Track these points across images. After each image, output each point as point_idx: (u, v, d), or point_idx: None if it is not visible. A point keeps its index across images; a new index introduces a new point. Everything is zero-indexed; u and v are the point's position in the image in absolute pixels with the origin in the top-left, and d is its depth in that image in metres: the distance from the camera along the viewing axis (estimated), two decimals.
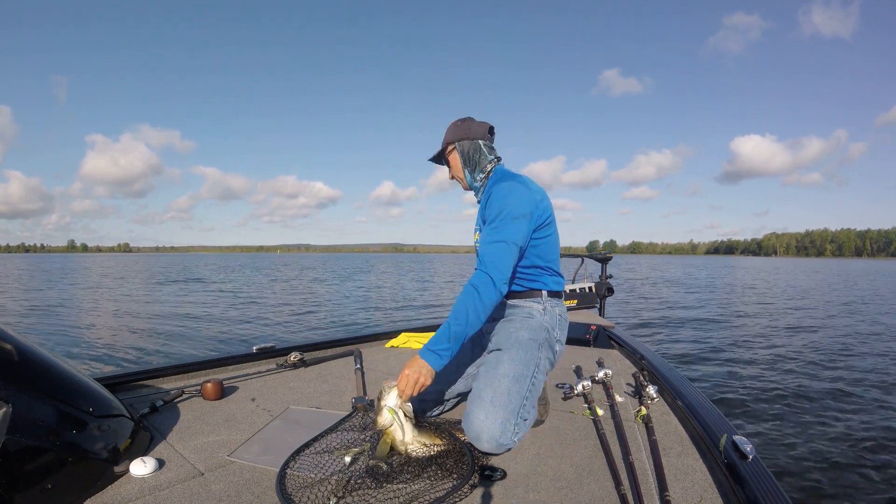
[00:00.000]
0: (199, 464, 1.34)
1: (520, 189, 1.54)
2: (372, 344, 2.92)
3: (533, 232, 1.56)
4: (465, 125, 1.69)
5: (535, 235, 1.58)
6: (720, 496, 1.16)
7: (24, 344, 1.29)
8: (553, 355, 1.65)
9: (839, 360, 6.11)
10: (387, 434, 1.37)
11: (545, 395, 1.69)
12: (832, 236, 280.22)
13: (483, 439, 1.37)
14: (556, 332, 1.65)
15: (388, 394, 1.41)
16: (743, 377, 5.21)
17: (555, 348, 1.65)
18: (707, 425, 1.45)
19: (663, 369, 2.03)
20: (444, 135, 1.72)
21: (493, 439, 1.36)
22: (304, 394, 1.98)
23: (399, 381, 1.39)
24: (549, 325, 1.63)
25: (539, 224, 1.57)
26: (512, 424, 1.39)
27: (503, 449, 1.39)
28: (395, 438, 1.37)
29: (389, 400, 1.40)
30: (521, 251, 1.53)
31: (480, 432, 1.37)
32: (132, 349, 6.78)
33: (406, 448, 1.36)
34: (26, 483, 1.06)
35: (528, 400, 1.48)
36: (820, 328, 8.86)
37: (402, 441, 1.37)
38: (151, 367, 2.11)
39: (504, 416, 1.38)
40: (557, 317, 1.66)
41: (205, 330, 8.44)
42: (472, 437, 1.39)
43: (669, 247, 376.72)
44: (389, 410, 1.38)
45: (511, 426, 1.39)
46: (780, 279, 26.88)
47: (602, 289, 4.28)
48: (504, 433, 1.37)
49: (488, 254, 1.46)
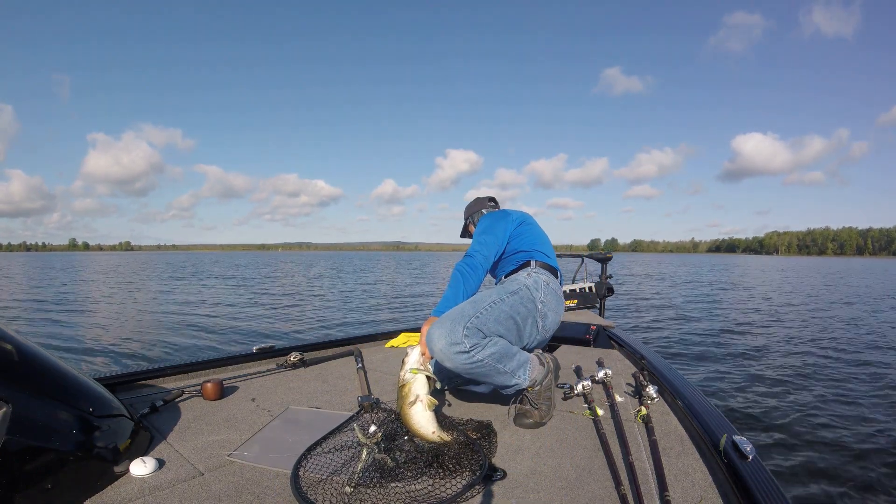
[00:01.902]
0: (199, 464, 1.34)
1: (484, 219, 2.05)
2: (372, 344, 2.92)
3: (514, 230, 1.96)
4: (473, 204, 2.26)
5: (515, 233, 1.96)
6: (720, 496, 1.16)
7: (24, 344, 1.29)
8: (535, 310, 1.75)
9: (840, 360, 6.11)
10: (408, 387, 1.48)
11: (551, 396, 1.69)
12: (834, 235, 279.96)
13: (433, 340, 1.49)
14: (539, 293, 1.79)
15: (410, 355, 1.54)
16: (743, 377, 5.21)
17: (537, 306, 1.77)
18: (707, 425, 1.45)
19: (663, 369, 2.03)
20: (465, 213, 2.30)
21: (442, 337, 1.48)
22: (304, 394, 1.98)
23: (420, 342, 1.57)
24: (530, 285, 1.79)
25: (515, 226, 1.97)
26: (461, 327, 1.49)
27: (454, 349, 1.47)
28: (418, 392, 1.47)
29: (411, 361, 1.52)
30: (498, 247, 1.91)
31: (431, 338, 1.50)
32: (132, 349, 6.79)
33: (430, 404, 1.47)
34: (26, 483, 1.07)
35: (483, 314, 1.57)
36: (821, 328, 8.86)
37: (425, 398, 1.46)
38: (151, 367, 2.11)
39: (451, 323, 1.51)
40: (543, 283, 1.82)
41: (205, 330, 8.44)
42: (429, 347, 1.52)
43: (671, 245, 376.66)
44: (413, 370, 1.50)
45: (460, 328, 1.49)
46: (781, 278, 26.88)
47: (602, 289, 4.28)
48: (452, 333, 1.48)
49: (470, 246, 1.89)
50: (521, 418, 1.63)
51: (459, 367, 1.50)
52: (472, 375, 1.56)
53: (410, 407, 1.45)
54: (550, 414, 1.67)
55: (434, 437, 1.43)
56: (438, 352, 1.49)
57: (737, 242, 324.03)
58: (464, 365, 1.50)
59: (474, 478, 1.22)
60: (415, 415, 1.45)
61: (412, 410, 1.45)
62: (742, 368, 5.61)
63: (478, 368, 1.52)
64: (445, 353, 1.48)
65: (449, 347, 1.47)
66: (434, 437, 1.43)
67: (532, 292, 1.78)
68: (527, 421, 1.62)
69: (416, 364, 1.51)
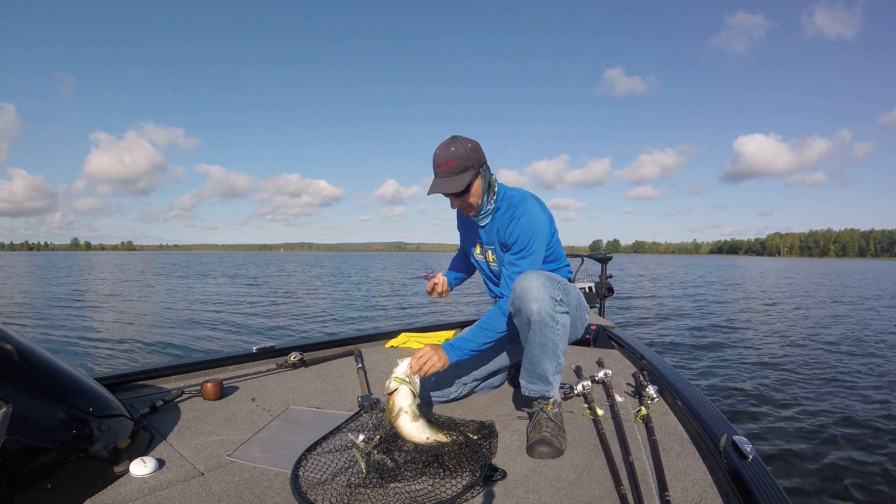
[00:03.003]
0: (199, 464, 1.34)
1: (540, 215, 1.65)
2: (372, 344, 2.91)
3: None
4: (479, 148, 1.62)
5: (548, 243, 1.74)
6: (720, 496, 1.16)
7: (24, 344, 1.29)
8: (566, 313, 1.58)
9: (841, 360, 6.11)
10: (392, 400, 1.46)
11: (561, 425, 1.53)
12: (836, 236, 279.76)
13: (531, 279, 1.47)
14: (584, 311, 1.80)
15: (399, 365, 1.51)
16: (743, 377, 5.21)
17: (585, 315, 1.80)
18: (707, 425, 1.45)
19: (663, 369, 2.03)
20: (460, 159, 1.56)
21: (542, 279, 1.46)
22: (304, 394, 1.98)
23: (414, 356, 1.52)
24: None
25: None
26: (557, 282, 1.50)
27: (550, 292, 1.46)
28: (401, 405, 1.45)
29: (399, 370, 1.50)
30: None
31: (529, 278, 1.47)
32: (132, 349, 6.78)
33: (414, 415, 1.44)
34: (26, 483, 1.07)
35: (567, 287, 1.61)
36: (822, 329, 8.86)
37: (409, 409, 1.44)
38: (151, 367, 2.11)
39: (548, 277, 1.50)
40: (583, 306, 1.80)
41: (205, 330, 8.44)
42: (519, 293, 1.47)
43: (673, 246, 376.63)
44: (397, 379, 1.48)
45: (556, 283, 1.50)
46: (781, 280, 26.88)
47: (602, 289, 4.28)
48: (551, 281, 1.48)
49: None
50: (540, 446, 1.39)
51: (544, 312, 1.44)
52: (540, 336, 1.48)
53: (396, 420, 1.44)
54: (566, 444, 1.47)
55: (429, 442, 1.42)
56: (535, 289, 1.44)
57: (739, 244, 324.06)
58: (550, 314, 1.45)
59: (474, 478, 1.22)
60: (403, 427, 1.44)
61: (399, 423, 1.44)
62: (742, 368, 5.61)
63: (551, 329, 1.47)
64: (541, 292, 1.44)
65: (546, 289, 1.44)
66: (430, 443, 1.42)
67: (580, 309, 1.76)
68: (544, 449, 1.39)
69: (402, 374, 1.49)
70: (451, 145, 1.58)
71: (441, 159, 1.57)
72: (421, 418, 1.46)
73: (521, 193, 1.71)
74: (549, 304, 1.45)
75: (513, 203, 1.67)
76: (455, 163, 1.56)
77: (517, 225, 1.62)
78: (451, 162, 1.56)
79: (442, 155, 1.57)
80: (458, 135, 1.62)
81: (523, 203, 1.65)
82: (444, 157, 1.57)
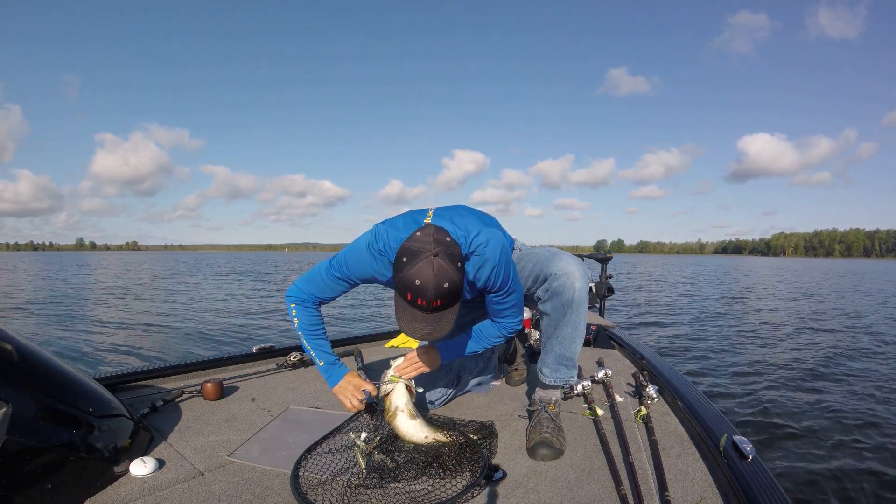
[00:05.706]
0: (199, 464, 1.34)
1: (494, 247, 1.37)
2: (372, 344, 2.91)
3: None
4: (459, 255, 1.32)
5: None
6: (720, 496, 1.16)
7: (24, 344, 1.29)
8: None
9: (841, 360, 6.10)
10: (388, 400, 1.49)
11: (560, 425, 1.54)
12: (841, 236, 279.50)
13: (573, 262, 1.52)
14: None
15: (393, 365, 1.56)
16: (743, 377, 5.20)
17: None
18: (707, 425, 1.44)
19: (663, 369, 2.03)
20: (452, 296, 1.22)
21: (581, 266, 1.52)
22: (304, 394, 1.98)
23: (407, 356, 1.57)
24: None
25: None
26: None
27: (587, 277, 1.52)
28: (398, 404, 1.47)
29: (393, 370, 1.54)
30: None
31: (572, 261, 1.52)
32: (132, 349, 6.78)
33: (411, 414, 1.46)
34: (26, 483, 1.07)
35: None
36: (822, 329, 8.86)
37: (405, 408, 1.46)
38: (151, 367, 2.11)
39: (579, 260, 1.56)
40: None
41: (205, 330, 8.44)
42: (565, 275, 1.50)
43: (677, 246, 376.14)
44: (393, 378, 1.52)
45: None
46: (783, 279, 26.87)
47: (602, 289, 4.28)
48: (585, 268, 1.54)
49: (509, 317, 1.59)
50: (542, 448, 1.38)
51: (584, 290, 1.51)
52: (575, 316, 1.54)
53: (393, 419, 1.45)
54: (565, 445, 1.46)
55: (428, 441, 1.42)
56: (578, 270, 1.50)
57: (743, 244, 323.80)
58: (587, 291, 1.52)
59: (474, 478, 1.22)
60: (400, 426, 1.44)
61: (396, 423, 1.44)
62: (742, 368, 5.61)
63: (585, 308, 1.54)
64: (583, 270, 1.51)
65: (585, 268, 1.52)
66: (428, 442, 1.42)
67: None
68: (546, 451, 1.38)
69: (397, 374, 1.52)
70: (444, 279, 1.19)
71: (430, 295, 1.19)
72: (418, 417, 1.47)
73: (463, 234, 1.38)
74: (587, 283, 1.53)
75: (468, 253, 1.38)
76: (448, 299, 1.22)
77: (483, 272, 1.38)
78: (443, 300, 1.21)
79: (431, 291, 1.18)
80: (441, 236, 1.25)
81: (477, 248, 1.37)
82: (434, 293, 1.19)
